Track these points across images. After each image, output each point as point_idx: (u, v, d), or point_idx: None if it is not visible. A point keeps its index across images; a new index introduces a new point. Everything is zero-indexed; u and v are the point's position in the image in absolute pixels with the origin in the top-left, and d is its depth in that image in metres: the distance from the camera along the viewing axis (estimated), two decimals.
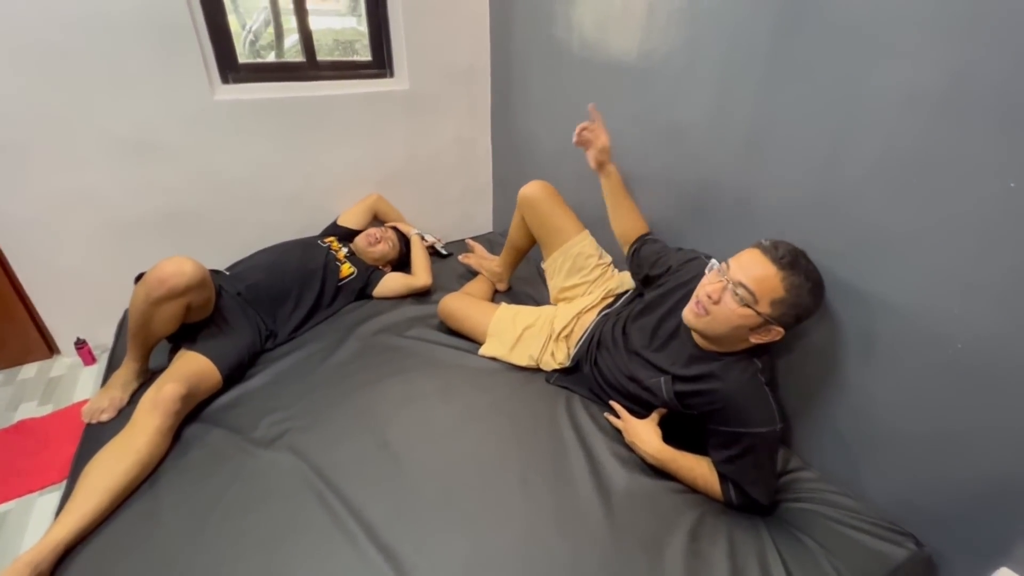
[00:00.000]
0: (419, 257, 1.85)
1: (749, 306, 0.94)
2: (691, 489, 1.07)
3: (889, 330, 0.96)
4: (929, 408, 0.93)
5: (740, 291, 0.94)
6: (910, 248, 0.90)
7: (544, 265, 1.56)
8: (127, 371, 1.26)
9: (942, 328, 0.88)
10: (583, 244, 1.46)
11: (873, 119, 0.91)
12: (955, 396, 0.89)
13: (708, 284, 1.00)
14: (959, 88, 0.79)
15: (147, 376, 1.30)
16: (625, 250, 1.36)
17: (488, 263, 1.83)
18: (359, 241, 1.83)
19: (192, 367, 1.21)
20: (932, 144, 0.84)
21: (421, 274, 1.77)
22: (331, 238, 1.85)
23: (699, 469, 1.06)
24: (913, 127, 0.85)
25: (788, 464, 1.15)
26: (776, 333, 0.96)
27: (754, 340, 0.98)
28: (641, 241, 1.32)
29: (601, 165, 1.29)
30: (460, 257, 1.91)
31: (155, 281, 1.14)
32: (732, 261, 0.99)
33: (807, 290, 0.93)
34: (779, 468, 1.11)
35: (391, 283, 1.74)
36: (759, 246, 0.97)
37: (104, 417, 1.18)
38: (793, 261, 0.93)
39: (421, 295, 1.76)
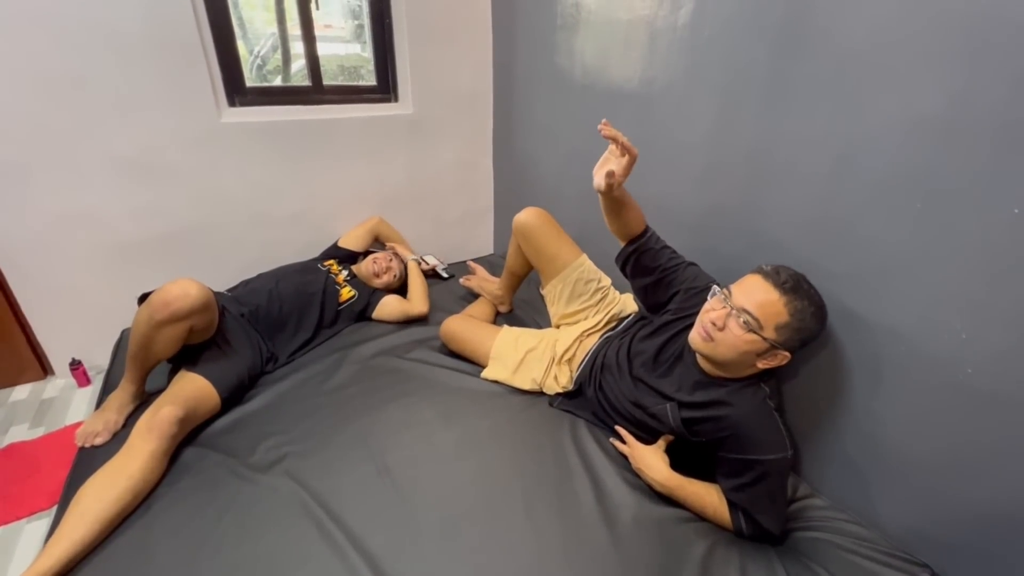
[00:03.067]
0: (416, 284, 1.82)
1: (754, 332, 0.93)
2: (700, 518, 1.04)
3: (897, 354, 0.95)
4: (941, 433, 0.92)
5: (744, 317, 0.94)
6: (916, 272, 0.90)
7: (543, 292, 1.52)
8: (123, 393, 1.24)
9: (951, 352, 0.87)
10: (581, 269, 1.43)
11: (874, 143, 0.92)
12: (967, 421, 0.87)
13: (712, 311, 0.99)
14: (959, 113, 0.80)
15: (144, 398, 1.28)
16: (623, 244, 1.20)
17: (489, 285, 1.82)
18: (365, 267, 1.82)
19: (190, 389, 1.18)
20: (935, 169, 0.85)
21: (417, 302, 1.75)
22: (331, 261, 1.84)
23: (708, 497, 1.04)
24: (915, 151, 0.87)
25: (797, 492, 1.13)
26: (783, 357, 0.95)
27: (761, 365, 0.97)
28: (641, 245, 1.17)
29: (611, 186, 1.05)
30: (461, 279, 1.91)
31: (159, 303, 1.12)
32: (734, 287, 0.99)
33: (811, 314, 0.93)
34: (789, 496, 1.08)
35: (388, 308, 1.73)
36: (760, 271, 0.97)
37: (98, 441, 1.15)
38: (795, 285, 0.94)
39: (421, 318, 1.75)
